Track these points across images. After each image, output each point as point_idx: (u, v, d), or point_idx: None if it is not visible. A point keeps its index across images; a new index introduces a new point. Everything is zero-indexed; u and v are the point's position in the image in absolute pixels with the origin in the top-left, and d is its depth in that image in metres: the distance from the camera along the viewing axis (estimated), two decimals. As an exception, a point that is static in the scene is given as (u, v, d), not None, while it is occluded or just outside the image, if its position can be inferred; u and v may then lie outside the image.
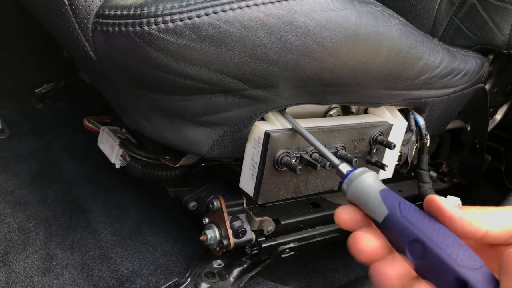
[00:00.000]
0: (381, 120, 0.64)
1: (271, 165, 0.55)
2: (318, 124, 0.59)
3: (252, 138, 0.55)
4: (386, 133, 0.64)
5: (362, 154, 0.63)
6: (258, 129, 0.54)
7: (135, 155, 0.74)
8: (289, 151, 0.55)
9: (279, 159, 0.54)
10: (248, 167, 0.57)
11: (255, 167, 0.56)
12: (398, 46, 0.55)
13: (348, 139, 0.60)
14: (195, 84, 0.47)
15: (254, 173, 0.57)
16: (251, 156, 0.56)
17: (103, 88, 0.60)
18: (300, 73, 0.50)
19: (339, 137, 0.59)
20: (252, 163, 0.57)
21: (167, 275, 0.77)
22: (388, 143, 0.62)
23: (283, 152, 0.54)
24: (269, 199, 0.59)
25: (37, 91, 1.14)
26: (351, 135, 0.60)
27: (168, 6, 0.44)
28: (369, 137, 0.62)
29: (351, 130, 0.60)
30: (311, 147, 0.56)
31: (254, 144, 0.55)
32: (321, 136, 0.56)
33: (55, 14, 0.47)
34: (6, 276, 0.70)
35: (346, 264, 0.86)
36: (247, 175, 0.58)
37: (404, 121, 0.68)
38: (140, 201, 0.92)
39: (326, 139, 0.57)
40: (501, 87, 0.89)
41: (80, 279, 0.73)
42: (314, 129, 0.56)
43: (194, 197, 0.70)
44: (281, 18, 0.46)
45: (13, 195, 0.87)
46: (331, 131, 0.58)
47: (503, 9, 0.74)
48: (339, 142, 0.59)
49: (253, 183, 0.57)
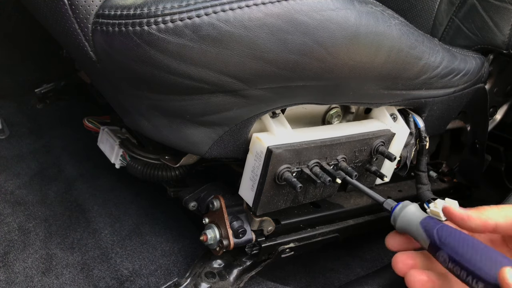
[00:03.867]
0: (383, 129, 0.64)
1: (272, 179, 0.55)
2: (320, 134, 0.58)
3: (254, 150, 0.55)
4: (388, 141, 0.64)
5: (362, 163, 0.63)
6: (260, 143, 0.54)
7: (135, 155, 0.74)
8: (291, 166, 0.55)
9: (280, 174, 0.54)
10: (248, 177, 0.57)
11: (255, 179, 0.56)
12: (398, 46, 0.55)
13: (350, 150, 0.60)
14: (195, 84, 0.47)
15: (254, 184, 0.57)
16: (252, 168, 0.56)
17: (103, 88, 0.60)
18: (300, 73, 0.50)
19: (341, 149, 0.59)
20: (252, 174, 0.56)
21: (167, 275, 0.77)
22: (389, 155, 0.62)
23: (284, 168, 0.54)
24: (267, 210, 0.60)
25: (37, 91, 1.14)
26: (353, 146, 0.60)
27: (168, 6, 0.44)
28: (371, 148, 0.62)
29: (353, 142, 0.59)
30: (313, 160, 0.56)
31: (256, 156, 0.55)
32: (323, 150, 0.56)
33: (55, 14, 0.47)
34: (6, 276, 0.70)
35: (346, 264, 0.86)
36: (247, 184, 0.58)
37: (407, 128, 0.68)
38: (140, 201, 0.92)
39: (328, 152, 0.57)
40: (501, 87, 0.89)
41: (80, 279, 0.73)
42: (317, 142, 0.56)
43: (194, 197, 0.70)
44: (281, 18, 0.46)
45: (13, 195, 0.87)
46: (333, 145, 0.58)
47: (503, 9, 0.74)
48: (341, 154, 0.59)
49: (252, 194, 0.58)
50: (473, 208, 0.50)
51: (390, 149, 0.66)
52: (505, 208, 0.48)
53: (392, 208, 0.54)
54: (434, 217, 0.70)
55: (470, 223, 0.47)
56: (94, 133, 0.85)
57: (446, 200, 0.71)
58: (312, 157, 0.56)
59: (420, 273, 0.48)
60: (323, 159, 0.57)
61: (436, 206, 0.70)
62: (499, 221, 0.46)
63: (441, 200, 0.71)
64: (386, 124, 0.66)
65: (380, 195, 0.66)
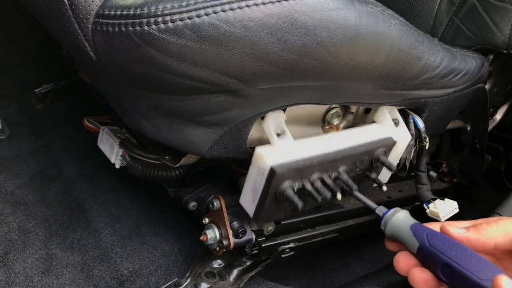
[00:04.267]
0: (385, 137, 0.64)
1: (273, 196, 0.55)
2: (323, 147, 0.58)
3: (257, 165, 0.55)
4: (389, 149, 0.64)
5: (362, 171, 0.63)
6: (263, 160, 0.53)
7: (135, 155, 0.74)
8: (293, 182, 0.55)
9: (281, 191, 0.55)
10: (250, 188, 0.57)
11: (256, 193, 0.56)
12: (398, 46, 0.55)
13: (352, 162, 0.60)
14: (195, 84, 0.47)
15: (255, 198, 0.56)
16: (254, 181, 0.56)
17: (103, 88, 0.60)
18: (300, 73, 0.50)
19: (343, 162, 0.59)
20: (254, 187, 0.56)
21: (167, 275, 0.77)
22: (390, 166, 0.62)
23: (286, 185, 0.54)
24: (267, 222, 0.61)
25: (37, 91, 1.14)
26: (355, 158, 0.60)
27: (168, 6, 0.44)
28: (372, 157, 0.62)
29: (356, 155, 0.60)
30: (315, 175, 0.56)
31: (258, 171, 0.55)
32: (325, 165, 0.57)
33: (55, 14, 0.47)
34: (6, 276, 0.70)
35: (346, 264, 0.86)
36: (248, 195, 0.58)
37: (408, 134, 0.68)
38: (140, 201, 0.92)
39: (330, 166, 0.57)
40: (501, 87, 0.89)
41: (80, 279, 0.73)
42: (320, 157, 0.56)
43: (194, 197, 0.70)
44: (281, 17, 0.46)
45: (13, 195, 0.87)
46: (336, 159, 0.58)
47: (503, 9, 0.74)
48: (343, 166, 0.59)
49: (253, 206, 0.58)
50: (472, 225, 0.49)
51: (391, 154, 0.66)
52: (504, 223, 0.47)
53: (383, 213, 0.55)
54: (434, 217, 0.70)
55: (469, 244, 0.46)
56: (94, 133, 0.85)
57: (446, 201, 0.71)
58: (315, 172, 0.56)
59: (422, 271, 0.48)
60: (325, 172, 0.57)
61: (436, 206, 0.70)
62: (498, 240, 0.46)
63: (441, 200, 0.71)
64: (387, 127, 0.66)
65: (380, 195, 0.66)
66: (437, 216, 0.69)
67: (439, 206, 0.69)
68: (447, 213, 0.69)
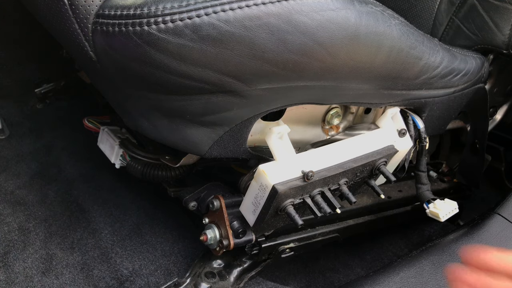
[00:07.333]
0: (387, 146, 0.64)
1: (274, 211, 0.56)
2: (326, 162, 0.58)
3: (259, 181, 0.55)
4: (389, 158, 0.64)
5: (362, 179, 0.63)
6: (265, 177, 0.54)
7: (135, 155, 0.74)
8: (294, 200, 0.55)
9: (282, 208, 0.55)
10: (251, 201, 0.58)
11: (257, 206, 0.57)
12: (398, 46, 0.55)
13: (352, 173, 0.60)
14: (195, 84, 0.47)
15: (256, 210, 0.57)
16: (255, 195, 0.57)
17: (103, 88, 0.60)
18: (300, 73, 0.50)
19: (344, 175, 0.59)
20: (255, 200, 0.57)
21: (167, 275, 0.77)
22: (389, 178, 0.63)
23: (287, 202, 0.55)
24: (265, 232, 0.62)
25: (37, 91, 1.14)
26: (356, 170, 0.60)
27: (168, 6, 0.44)
28: (373, 167, 0.62)
29: (357, 168, 0.60)
30: (316, 190, 0.57)
31: (260, 187, 0.55)
32: (326, 180, 0.57)
33: (55, 14, 0.47)
34: (6, 276, 0.70)
35: (346, 264, 0.86)
36: (248, 206, 0.59)
37: (411, 142, 0.68)
38: (140, 201, 0.92)
39: (331, 180, 0.58)
40: (501, 87, 0.89)
41: (80, 279, 0.73)
42: (322, 173, 0.56)
43: (194, 197, 0.70)
44: (281, 18, 0.46)
45: (13, 195, 0.87)
46: (337, 174, 0.58)
47: (503, 9, 0.74)
48: (344, 179, 0.59)
49: (253, 218, 0.58)
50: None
51: (391, 161, 0.66)
52: None
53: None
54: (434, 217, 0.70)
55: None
56: (94, 133, 0.84)
57: (446, 201, 0.71)
58: (316, 188, 0.57)
59: None
60: (325, 186, 0.58)
61: (436, 206, 0.70)
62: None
63: (441, 200, 0.71)
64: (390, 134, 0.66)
65: (380, 195, 0.65)
66: (437, 216, 0.69)
67: (439, 206, 0.70)
68: (447, 213, 0.69)
